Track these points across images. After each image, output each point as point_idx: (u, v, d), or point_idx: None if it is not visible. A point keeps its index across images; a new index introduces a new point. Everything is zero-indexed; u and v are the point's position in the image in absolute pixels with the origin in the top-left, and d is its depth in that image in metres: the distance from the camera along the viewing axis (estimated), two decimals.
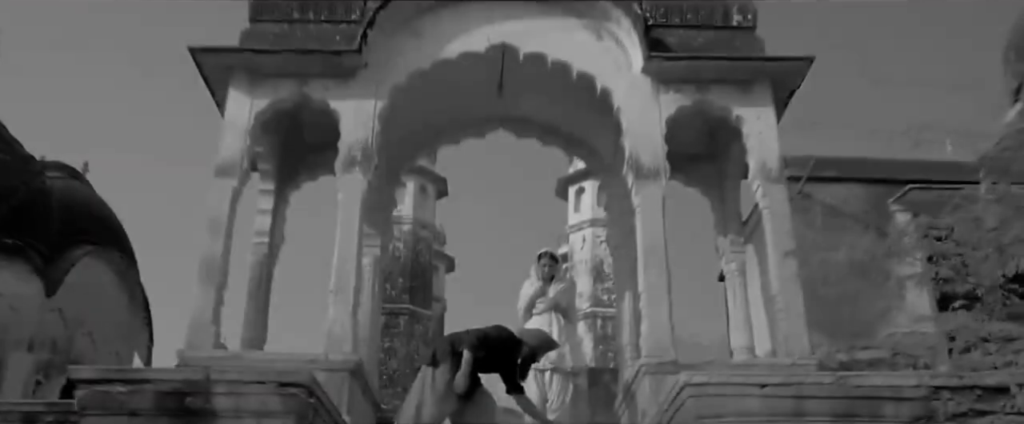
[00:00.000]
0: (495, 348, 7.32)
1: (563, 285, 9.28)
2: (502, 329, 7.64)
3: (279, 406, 6.04)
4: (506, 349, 7.41)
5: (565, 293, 9.13)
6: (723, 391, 6.09)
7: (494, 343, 7.34)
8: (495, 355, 7.30)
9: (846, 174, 9.17)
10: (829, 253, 8.62)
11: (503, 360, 7.42)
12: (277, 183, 10.68)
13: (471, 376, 7.14)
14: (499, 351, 7.35)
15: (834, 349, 8.43)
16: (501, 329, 7.61)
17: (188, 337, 8.33)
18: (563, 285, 9.28)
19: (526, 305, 9.01)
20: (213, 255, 8.63)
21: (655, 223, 8.81)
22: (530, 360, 7.68)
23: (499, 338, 7.45)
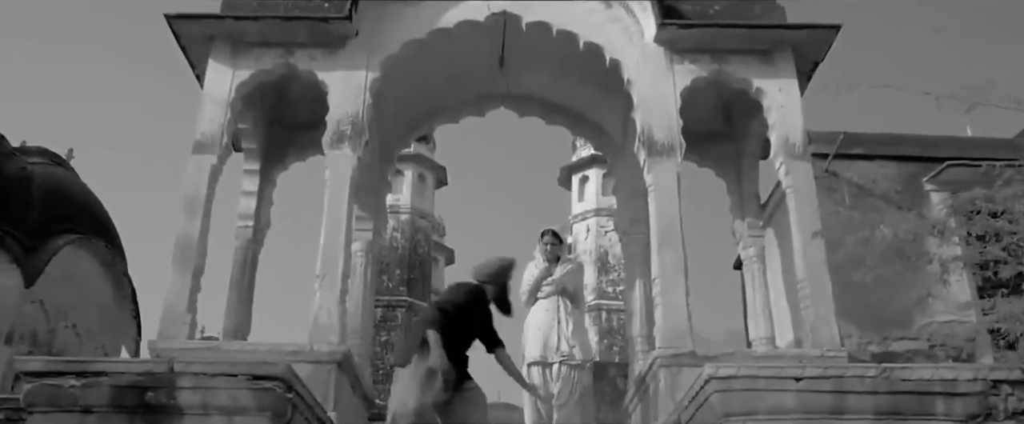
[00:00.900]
0: (462, 310, 6.32)
1: (571, 266, 8.24)
2: (458, 286, 6.67)
3: (251, 402, 5.35)
4: (473, 304, 6.44)
5: (572, 275, 8.13)
6: (753, 385, 5.39)
7: (458, 306, 6.33)
8: (465, 317, 6.33)
9: (876, 151, 8.46)
10: (859, 236, 7.90)
11: (476, 318, 6.47)
12: (262, 163, 10.00)
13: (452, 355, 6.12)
14: (467, 311, 6.36)
15: (865, 340, 7.73)
16: (456, 287, 6.64)
17: (161, 326, 7.65)
18: (571, 266, 8.24)
19: (530, 288, 8.05)
20: (189, 237, 7.94)
21: (670, 202, 8.11)
22: (504, 294, 6.64)
23: (458, 299, 6.40)
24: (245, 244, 9.58)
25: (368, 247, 9.96)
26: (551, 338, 7.95)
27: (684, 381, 7.28)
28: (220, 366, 5.41)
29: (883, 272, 7.42)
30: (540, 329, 8.14)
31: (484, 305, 6.54)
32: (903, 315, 7.84)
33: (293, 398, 5.61)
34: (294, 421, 5.78)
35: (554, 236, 7.95)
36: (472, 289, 6.57)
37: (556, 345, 7.92)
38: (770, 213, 9.79)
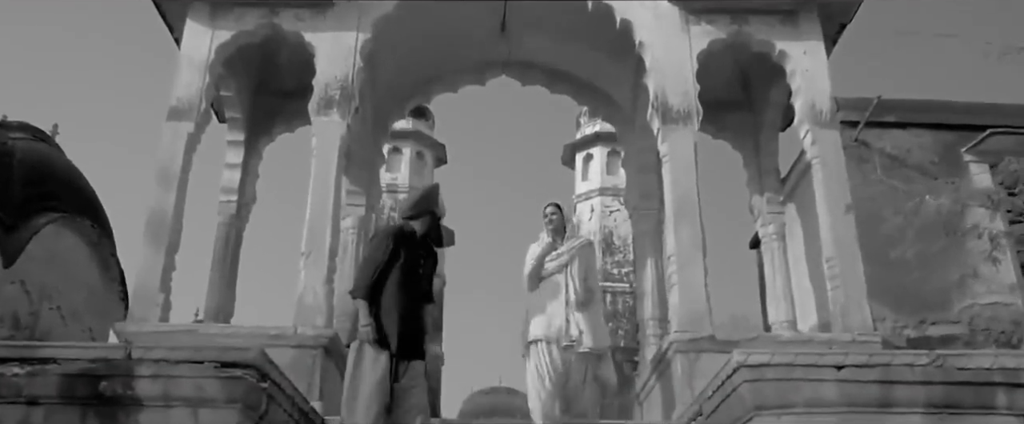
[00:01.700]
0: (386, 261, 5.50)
1: (579, 241, 6.98)
2: (372, 238, 5.99)
3: (219, 392, 4.72)
4: (396, 248, 5.55)
5: (581, 253, 6.83)
6: (789, 374, 4.75)
7: (377, 261, 5.50)
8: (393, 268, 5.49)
9: (911, 118, 7.78)
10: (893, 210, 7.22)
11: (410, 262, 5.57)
12: (247, 133, 9.35)
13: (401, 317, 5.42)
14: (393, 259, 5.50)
15: (900, 323, 7.08)
16: (371, 240, 5.92)
17: (131, 307, 7.03)
18: (579, 241, 6.98)
19: (532, 268, 6.80)
20: (162, 210, 7.30)
21: (686, 173, 7.47)
22: (434, 225, 5.80)
23: (377, 254, 5.55)
24: (228, 220, 8.95)
25: (360, 223, 9.32)
26: (556, 318, 6.67)
27: (703, 368, 6.68)
28: (184, 352, 4.76)
29: (920, 249, 6.77)
30: (544, 310, 6.80)
31: (413, 245, 5.70)
32: (941, 296, 7.18)
33: (268, 387, 4.97)
34: (270, 413, 5.14)
35: (557, 208, 6.92)
36: (389, 232, 5.72)
37: (564, 328, 6.83)
38: (791, 187, 9.12)
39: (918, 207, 6.24)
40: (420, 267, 5.75)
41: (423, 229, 5.79)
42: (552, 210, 6.89)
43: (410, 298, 5.59)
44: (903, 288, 7.21)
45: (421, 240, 5.82)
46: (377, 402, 5.33)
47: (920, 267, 7.15)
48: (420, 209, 5.84)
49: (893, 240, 7.35)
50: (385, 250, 5.61)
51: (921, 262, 7.05)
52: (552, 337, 6.42)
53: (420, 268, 5.75)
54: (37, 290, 15.50)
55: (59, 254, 15.98)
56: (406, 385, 5.53)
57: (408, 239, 5.74)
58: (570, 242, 6.80)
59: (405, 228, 5.81)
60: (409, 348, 5.52)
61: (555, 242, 6.80)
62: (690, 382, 6.67)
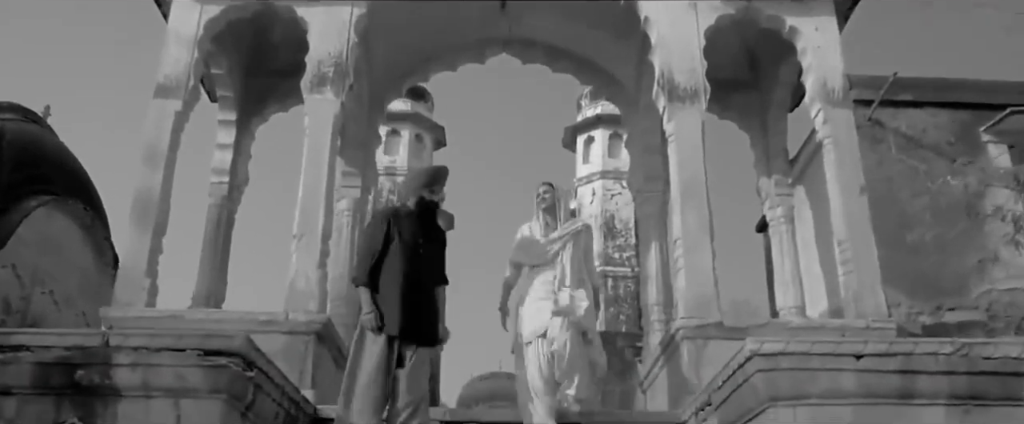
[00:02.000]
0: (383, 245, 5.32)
1: (576, 226, 6.33)
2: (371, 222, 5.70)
3: (202, 381, 4.46)
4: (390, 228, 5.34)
5: (579, 238, 6.26)
6: (805, 363, 4.49)
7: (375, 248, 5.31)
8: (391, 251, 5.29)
9: (926, 97, 7.49)
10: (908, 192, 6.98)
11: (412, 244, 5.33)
12: (239, 113, 9.07)
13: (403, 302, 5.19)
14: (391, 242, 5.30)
15: (915, 309, 6.83)
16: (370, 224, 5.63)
17: (116, 292, 6.77)
18: (576, 226, 6.33)
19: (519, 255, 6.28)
20: (149, 191, 7.03)
21: (693, 153, 7.19)
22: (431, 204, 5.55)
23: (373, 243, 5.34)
24: (219, 202, 8.68)
25: (356, 206, 9.04)
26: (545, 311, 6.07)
27: (711, 355, 6.45)
28: (164, 339, 4.50)
29: (937, 232, 6.54)
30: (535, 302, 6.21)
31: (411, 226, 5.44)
32: (959, 281, 6.92)
33: (255, 376, 4.71)
34: (257, 403, 4.89)
35: (549, 186, 6.35)
36: (383, 215, 5.53)
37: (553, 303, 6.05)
38: (801, 169, 8.85)
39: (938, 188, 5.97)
40: (420, 248, 5.45)
41: (420, 208, 5.55)
42: (544, 188, 6.44)
43: (412, 281, 5.32)
44: (919, 273, 6.96)
45: (421, 220, 5.55)
46: (372, 391, 5.12)
47: (937, 251, 6.90)
48: (413, 190, 5.63)
49: (909, 223, 7.13)
50: (380, 234, 5.40)
51: (938, 245, 6.81)
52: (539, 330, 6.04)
53: (420, 248, 5.45)
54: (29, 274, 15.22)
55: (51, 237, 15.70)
56: (407, 372, 5.29)
57: (404, 220, 5.50)
58: (565, 226, 6.35)
59: (400, 210, 5.59)
60: (415, 333, 5.26)
61: (547, 227, 6.36)
62: (697, 370, 6.43)
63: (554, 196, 6.44)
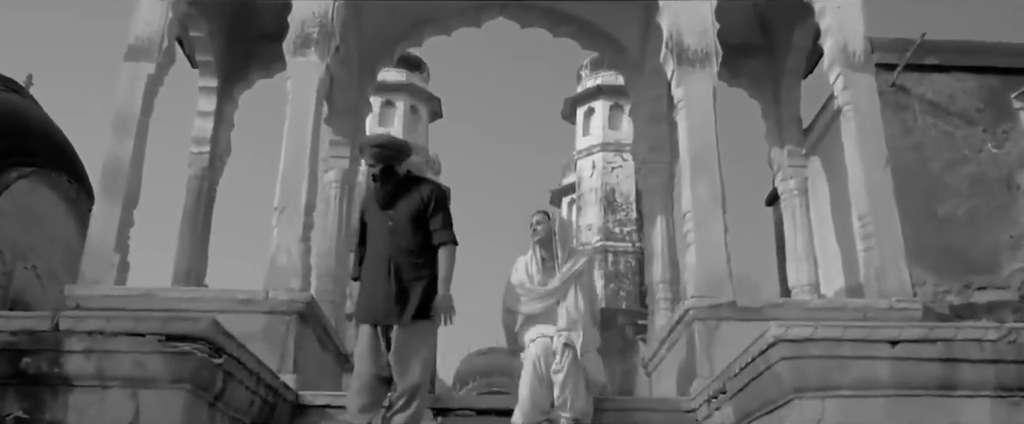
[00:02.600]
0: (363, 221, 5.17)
1: (577, 266, 5.67)
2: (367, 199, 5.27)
3: (163, 369, 4.01)
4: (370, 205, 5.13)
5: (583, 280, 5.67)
6: (836, 350, 4.05)
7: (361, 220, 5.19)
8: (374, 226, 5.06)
9: (954, 61, 6.99)
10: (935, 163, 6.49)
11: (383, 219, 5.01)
12: (221, 79, 8.56)
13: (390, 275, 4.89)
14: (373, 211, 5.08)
15: (942, 288, 6.37)
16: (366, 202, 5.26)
17: (82, 268, 6.30)
18: (577, 266, 5.67)
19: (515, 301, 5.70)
20: (119, 160, 6.54)
21: (705, 121, 6.70)
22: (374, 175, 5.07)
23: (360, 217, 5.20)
24: (200, 173, 8.19)
25: (344, 177, 8.55)
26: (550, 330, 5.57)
27: (723, 337, 6.01)
28: (122, 323, 4.04)
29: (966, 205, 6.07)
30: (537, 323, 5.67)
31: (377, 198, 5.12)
32: (990, 258, 6.45)
33: (224, 363, 4.26)
34: (228, 393, 4.44)
35: (544, 216, 5.74)
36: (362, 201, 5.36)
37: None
38: (816, 139, 8.36)
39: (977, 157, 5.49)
40: (388, 220, 5.04)
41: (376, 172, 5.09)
42: (538, 219, 5.75)
43: (378, 260, 4.98)
44: (945, 249, 6.48)
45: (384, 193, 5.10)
46: (355, 383, 4.93)
47: (966, 225, 6.42)
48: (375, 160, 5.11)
49: (935, 195, 6.65)
50: (358, 225, 5.27)
51: (968, 220, 6.33)
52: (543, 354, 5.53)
53: (389, 222, 5.04)
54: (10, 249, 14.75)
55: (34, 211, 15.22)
56: (393, 358, 4.89)
57: (370, 201, 5.22)
58: (565, 270, 5.66)
59: (369, 187, 5.25)
60: (382, 315, 4.91)
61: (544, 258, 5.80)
62: (709, 352, 5.99)
63: (549, 227, 5.78)
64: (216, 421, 4.45)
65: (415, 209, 5.03)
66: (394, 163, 5.09)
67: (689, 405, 5.74)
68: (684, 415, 5.77)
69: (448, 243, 5.04)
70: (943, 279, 6.43)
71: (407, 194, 5.08)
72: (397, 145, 5.21)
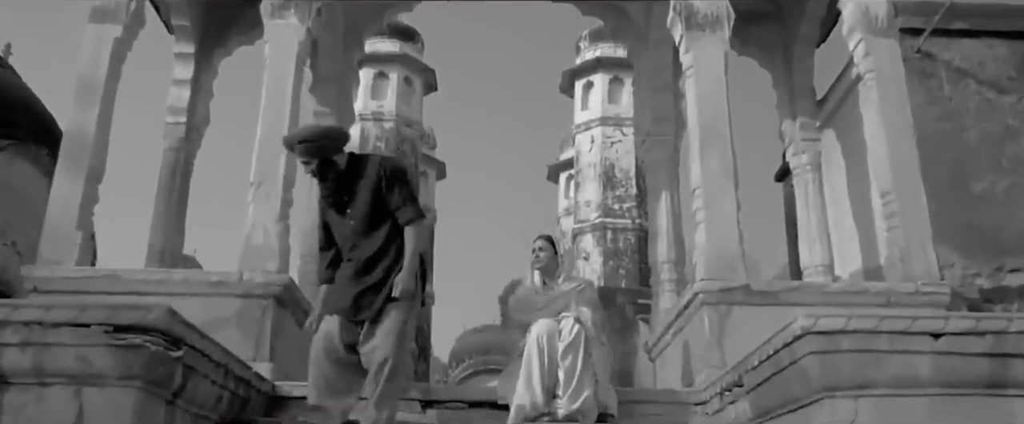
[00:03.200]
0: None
1: (577, 285, 5.35)
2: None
3: (111, 365, 3.55)
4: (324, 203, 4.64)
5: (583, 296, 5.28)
6: (872, 344, 3.59)
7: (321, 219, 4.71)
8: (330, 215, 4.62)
9: (984, 26, 6.50)
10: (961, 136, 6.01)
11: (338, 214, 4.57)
12: (199, 45, 8.03)
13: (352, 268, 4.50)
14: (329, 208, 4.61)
15: (972, 271, 5.92)
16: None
17: (41, 248, 5.83)
18: (577, 285, 5.35)
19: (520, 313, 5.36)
20: (82, 130, 6.07)
21: (716, 89, 6.23)
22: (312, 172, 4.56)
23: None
24: (176, 145, 7.68)
25: None
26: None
27: (736, 324, 5.58)
28: (64, 312, 3.56)
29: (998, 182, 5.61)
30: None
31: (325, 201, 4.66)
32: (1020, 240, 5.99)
33: (184, 356, 3.78)
34: (190, 388, 3.98)
35: (547, 242, 5.39)
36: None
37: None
38: (830, 111, 7.87)
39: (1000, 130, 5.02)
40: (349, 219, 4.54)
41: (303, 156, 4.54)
42: (540, 244, 5.30)
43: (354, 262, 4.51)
44: (975, 228, 6.01)
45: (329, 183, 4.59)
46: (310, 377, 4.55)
47: (999, 202, 5.95)
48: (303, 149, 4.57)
49: (963, 170, 6.17)
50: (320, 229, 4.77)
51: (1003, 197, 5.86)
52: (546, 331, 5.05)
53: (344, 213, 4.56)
54: None
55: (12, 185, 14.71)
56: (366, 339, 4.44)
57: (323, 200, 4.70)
58: (563, 287, 5.29)
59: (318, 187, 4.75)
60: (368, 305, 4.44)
61: (545, 283, 5.38)
62: (720, 340, 5.55)
63: (551, 255, 5.39)
64: (177, 419, 3.98)
65: (372, 197, 4.49)
66: (330, 154, 4.51)
67: (699, 397, 5.30)
68: (693, 408, 5.33)
69: (413, 220, 4.52)
70: (973, 261, 5.96)
71: (358, 183, 4.54)
72: (326, 133, 4.61)
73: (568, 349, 4.96)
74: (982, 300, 5.85)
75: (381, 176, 4.48)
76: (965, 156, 5.53)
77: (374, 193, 4.47)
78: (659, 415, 5.31)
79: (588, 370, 4.97)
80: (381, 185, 4.47)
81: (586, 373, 4.95)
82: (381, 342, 4.36)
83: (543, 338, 4.98)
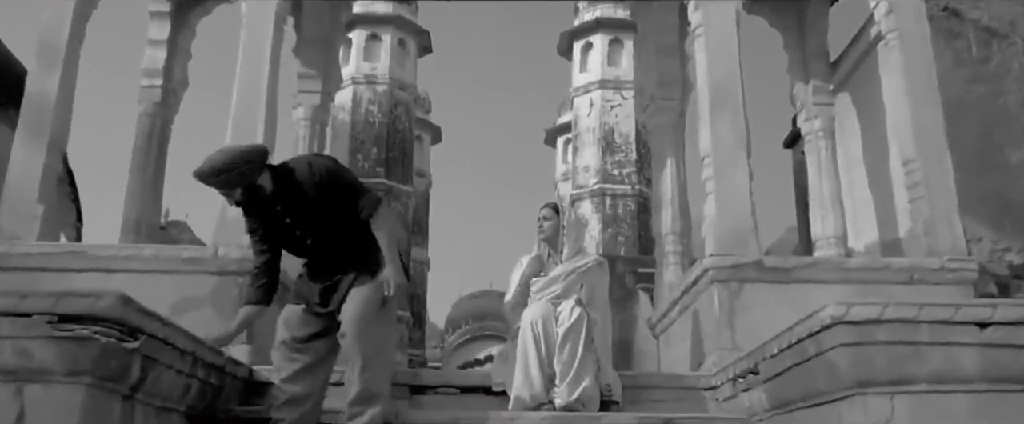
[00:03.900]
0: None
1: (587, 262, 4.95)
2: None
3: (56, 359, 3.15)
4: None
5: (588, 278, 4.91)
6: (911, 335, 3.21)
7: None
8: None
9: None
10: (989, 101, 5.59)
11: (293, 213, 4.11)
12: (175, 4, 7.54)
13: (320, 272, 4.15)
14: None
15: (1001, 245, 5.54)
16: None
17: (0, 221, 5.40)
18: (587, 262, 4.95)
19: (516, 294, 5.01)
20: (43, 94, 5.65)
21: (726, 51, 5.80)
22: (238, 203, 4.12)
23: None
24: (151, 109, 7.23)
25: (315, 114, 7.60)
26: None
27: (747, 302, 5.22)
28: (2, 300, 3.15)
29: None
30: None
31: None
32: None
33: (142, 346, 3.38)
34: (151, 380, 3.59)
35: (553, 211, 5.00)
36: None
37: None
38: (845, 73, 7.42)
39: None
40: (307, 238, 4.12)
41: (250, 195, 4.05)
42: (546, 213, 4.86)
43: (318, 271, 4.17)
44: (1005, 200, 5.63)
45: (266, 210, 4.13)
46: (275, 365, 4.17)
47: None
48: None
49: (992, 138, 5.76)
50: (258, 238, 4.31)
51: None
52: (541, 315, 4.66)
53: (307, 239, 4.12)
54: None
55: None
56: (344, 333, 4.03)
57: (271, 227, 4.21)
58: (570, 262, 4.91)
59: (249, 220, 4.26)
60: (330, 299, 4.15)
61: (547, 259, 4.98)
62: (730, 320, 5.18)
63: (556, 225, 4.99)
64: (136, 415, 3.59)
65: (317, 206, 4.04)
66: (253, 178, 3.98)
67: (709, 382, 4.94)
68: (702, 393, 4.97)
69: (374, 212, 4.11)
70: (1002, 235, 5.60)
71: (294, 199, 4.07)
72: (241, 156, 3.95)
73: (568, 334, 4.59)
74: (1012, 276, 5.48)
75: (320, 183, 4.01)
76: (991, 122, 5.13)
77: (317, 202, 4.01)
78: (666, 401, 4.95)
79: (590, 356, 4.61)
80: (321, 192, 4.01)
81: (587, 359, 4.59)
82: (368, 354, 3.97)
83: (538, 324, 4.61)
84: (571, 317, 4.64)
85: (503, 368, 4.88)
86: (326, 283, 4.11)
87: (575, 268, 4.92)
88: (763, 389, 4.16)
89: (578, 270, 4.91)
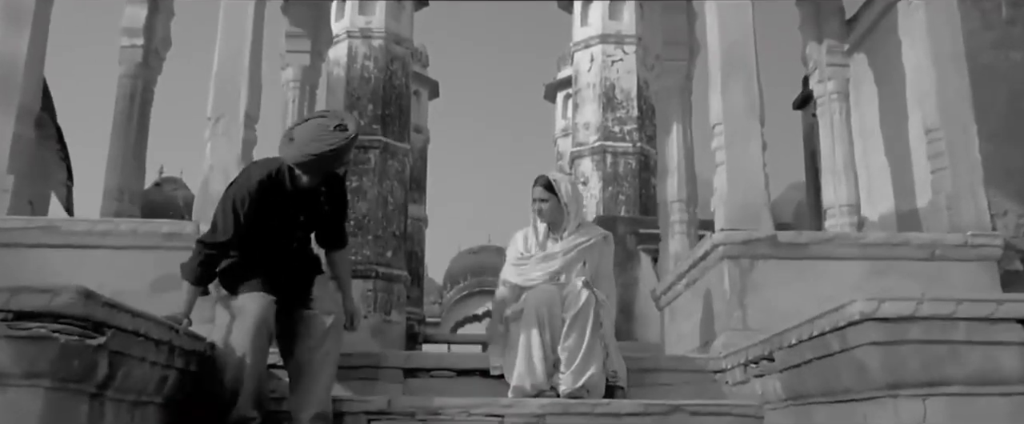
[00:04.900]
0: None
1: (589, 240, 4.63)
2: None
3: (11, 361, 2.87)
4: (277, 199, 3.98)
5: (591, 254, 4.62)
6: (948, 333, 2.93)
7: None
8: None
9: None
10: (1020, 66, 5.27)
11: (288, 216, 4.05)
12: None
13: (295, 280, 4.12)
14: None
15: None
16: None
17: None
18: (589, 240, 4.63)
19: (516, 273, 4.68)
20: (12, 57, 5.29)
21: (739, 10, 5.47)
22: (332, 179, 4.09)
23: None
24: (132, 70, 6.86)
25: (305, 75, 7.27)
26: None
27: (759, 280, 4.96)
28: None
29: None
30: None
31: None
32: None
33: (109, 341, 3.11)
34: (121, 377, 3.32)
35: (548, 188, 4.61)
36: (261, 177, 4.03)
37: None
38: (862, 33, 7.05)
39: None
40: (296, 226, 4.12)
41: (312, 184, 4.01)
42: (539, 194, 4.57)
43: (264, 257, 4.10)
44: None
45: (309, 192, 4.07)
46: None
47: None
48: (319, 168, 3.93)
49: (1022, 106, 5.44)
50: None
51: None
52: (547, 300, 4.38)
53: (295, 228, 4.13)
54: None
55: None
56: None
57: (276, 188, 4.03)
58: (571, 239, 4.59)
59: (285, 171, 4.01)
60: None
61: (548, 233, 4.67)
62: (741, 299, 4.93)
63: (554, 205, 4.64)
64: (106, 414, 3.33)
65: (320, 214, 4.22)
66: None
67: (718, 365, 4.69)
68: (712, 376, 4.73)
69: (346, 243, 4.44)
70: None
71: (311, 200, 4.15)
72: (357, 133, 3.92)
73: (576, 319, 4.33)
74: None
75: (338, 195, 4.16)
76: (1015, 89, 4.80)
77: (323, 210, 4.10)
78: (673, 385, 4.70)
79: (597, 342, 4.35)
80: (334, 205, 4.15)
81: (594, 346, 4.33)
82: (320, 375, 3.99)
83: (543, 309, 4.34)
84: (579, 301, 4.37)
85: (496, 350, 4.64)
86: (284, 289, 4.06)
87: (577, 244, 4.63)
88: (778, 378, 3.91)
89: (580, 247, 4.62)
